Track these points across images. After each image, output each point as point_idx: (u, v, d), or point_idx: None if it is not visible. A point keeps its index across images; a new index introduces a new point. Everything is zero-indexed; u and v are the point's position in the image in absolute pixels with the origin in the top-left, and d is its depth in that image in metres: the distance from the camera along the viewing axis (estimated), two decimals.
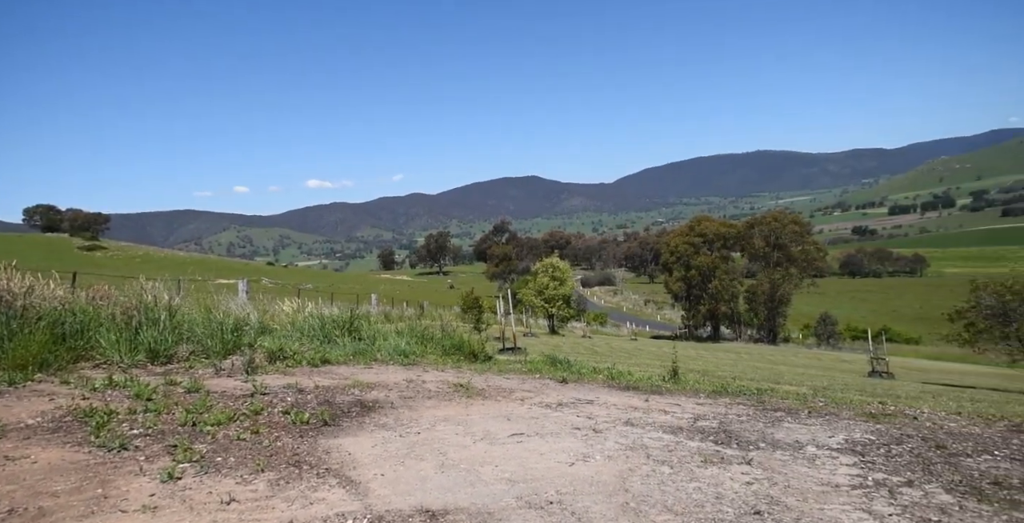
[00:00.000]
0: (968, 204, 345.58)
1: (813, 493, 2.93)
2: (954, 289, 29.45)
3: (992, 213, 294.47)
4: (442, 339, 8.88)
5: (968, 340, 18.12)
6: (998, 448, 3.87)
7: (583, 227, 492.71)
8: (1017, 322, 16.41)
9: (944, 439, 4.04)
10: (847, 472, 3.28)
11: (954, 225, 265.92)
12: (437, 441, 3.81)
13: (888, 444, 3.88)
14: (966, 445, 3.90)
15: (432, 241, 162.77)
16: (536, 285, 35.06)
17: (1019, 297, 16.89)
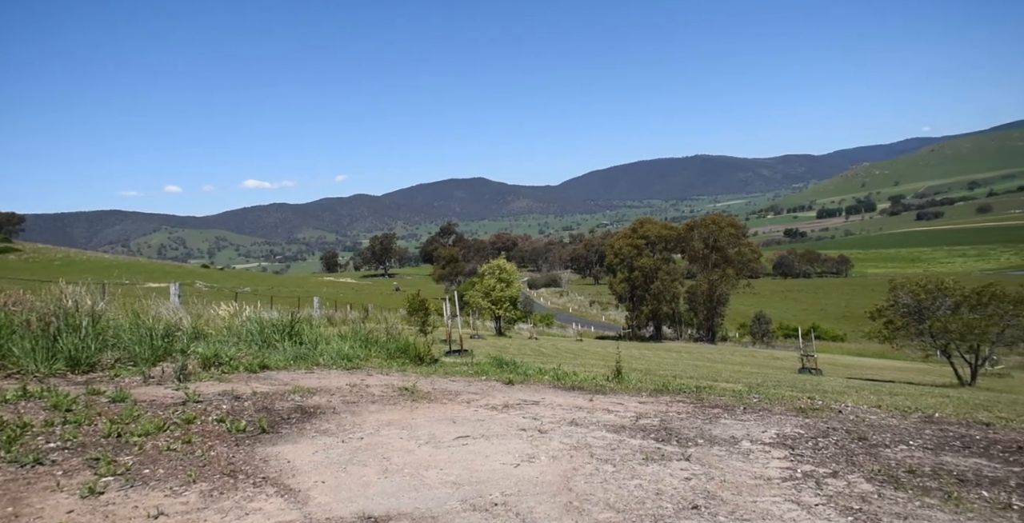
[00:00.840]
0: (887, 208, 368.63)
1: (747, 486, 3.05)
2: (875, 289, 31.55)
3: (908, 217, 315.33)
4: (387, 342, 8.74)
5: (887, 337, 19.24)
6: (913, 438, 4.13)
7: (530, 229, 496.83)
8: (929, 319, 17.59)
9: (865, 431, 4.29)
10: (778, 465, 3.43)
11: (875, 228, 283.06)
12: (381, 446, 3.75)
13: (815, 437, 4.09)
14: (885, 436, 4.15)
15: (377, 243, 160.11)
16: (483, 287, 35.06)
17: (932, 296, 18.12)
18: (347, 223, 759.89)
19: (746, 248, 48.94)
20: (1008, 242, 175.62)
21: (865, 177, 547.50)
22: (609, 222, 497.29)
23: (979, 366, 17.53)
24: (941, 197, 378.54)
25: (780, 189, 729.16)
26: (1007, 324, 16.67)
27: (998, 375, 22.36)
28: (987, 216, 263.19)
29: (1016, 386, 18.48)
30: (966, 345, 17.15)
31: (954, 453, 3.75)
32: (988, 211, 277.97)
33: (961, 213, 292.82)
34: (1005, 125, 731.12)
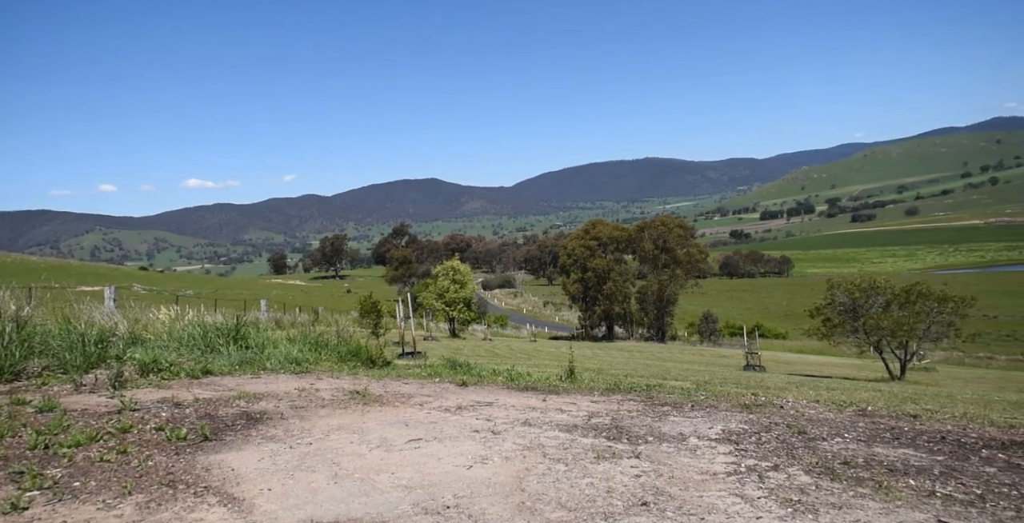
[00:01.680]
0: (825, 210, 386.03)
1: (694, 482, 3.13)
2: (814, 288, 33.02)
3: (844, 219, 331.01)
4: (338, 345, 8.56)
5: (825, 334, 20.14)
6: (848, 431, 4.34)
7: (483, 230, 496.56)
8: (863, 317, 18.52)
9: (805, 425, 4.47)
10: (724, 460, 3.53)
11: (814, 229, 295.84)
12: (331, 451, 3.67)
13: (759, 432, 4.23)
14: (822, 429, 4.34)
15: (328, 244, 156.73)
16: (437, 288, 34.82)
17: (865, 295, 19.07)
18: (296, 224, 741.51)
19: (694, 249, 50.29)
20: (933, 243, 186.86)
21: (804, 180, 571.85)
22: (562, 223, 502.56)
23: (908, 361, 18.56)
24: (873, 200, 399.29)
25: (726, 191, 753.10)
26: (932, 321, 17.71)
27: (924, 369, 23.71)
28: (914, 218, 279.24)
29: (941, 379, 19.66)
30: (896, 341, 18.12)
31: (885, 444, 3.95)
32: (915, 214, 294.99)
33: (891, 215, 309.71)
34: (929, 132, 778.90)
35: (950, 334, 18.44)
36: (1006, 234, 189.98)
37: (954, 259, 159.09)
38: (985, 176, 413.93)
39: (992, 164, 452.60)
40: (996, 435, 4.27)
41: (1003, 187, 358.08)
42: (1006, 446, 3.93)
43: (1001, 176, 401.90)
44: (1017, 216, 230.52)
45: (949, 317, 17.84)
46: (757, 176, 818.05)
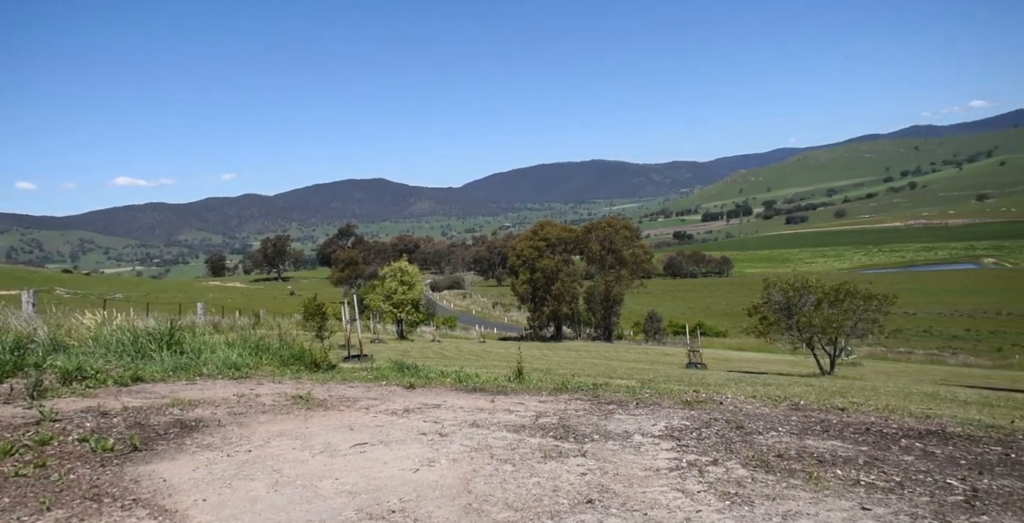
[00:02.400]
0: (761, 212, 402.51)
1: (638, 478, 3.20)
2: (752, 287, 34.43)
3: (779, 220, 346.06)
4: (280, 349, 8.31)
5: (762, 332, 20.98)
6: (782, 425, 4.54)
7: (432, 231, 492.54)
8: (797, 315, 19.41)
9: (743, 420, 4.65)
10: (666, 456, 3.63)
11: (751, 231, 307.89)
12: (271, 458, 3.55)
13: (699, 428, 4.37)
14: (759, 424, 4.52)
15: (270, 245, 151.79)
16: (384, 290, 34.27)
17: (798, 294, 19.99)
18: (236, 224, 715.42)
19: (639, 250, 51.43)
20: (859, 244, 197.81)
21: (743, 183, 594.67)
22: (511, 224, 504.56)
23: (836, 357, 19.57)
24: (806, 203, 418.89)
25: (670, 193, 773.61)
26: (859, 318, 18.74)
27: (852, 364, 25.07)
28: (842, 220, 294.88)
29: (866, 373, 20.83)
30: (826, 338, 19.07)
31: (815, 436, 4.15)
32: (843, 216, 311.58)
33: (822, 217, 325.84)
34: (855, 138, 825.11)
35: (874, 330, 19.57)
36: (924, 235, 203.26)
37: (878, 259, 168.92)
38: (905, 181, 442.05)
39: (911, 169, 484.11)
40: (914, 425, 4.56)
41: (921, 191, 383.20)
42: (922, 435, 4.20)
43: (919, 181, 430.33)
44: (933, 218, 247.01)
45: (874, 314, 18.92)
46: (699, 178, 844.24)
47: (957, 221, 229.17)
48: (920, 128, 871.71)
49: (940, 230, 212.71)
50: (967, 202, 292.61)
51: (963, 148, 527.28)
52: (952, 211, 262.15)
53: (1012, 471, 3.33)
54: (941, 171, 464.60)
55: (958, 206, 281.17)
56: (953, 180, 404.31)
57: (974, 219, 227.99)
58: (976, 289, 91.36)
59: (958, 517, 2.62)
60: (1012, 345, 48.18)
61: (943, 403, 6.88)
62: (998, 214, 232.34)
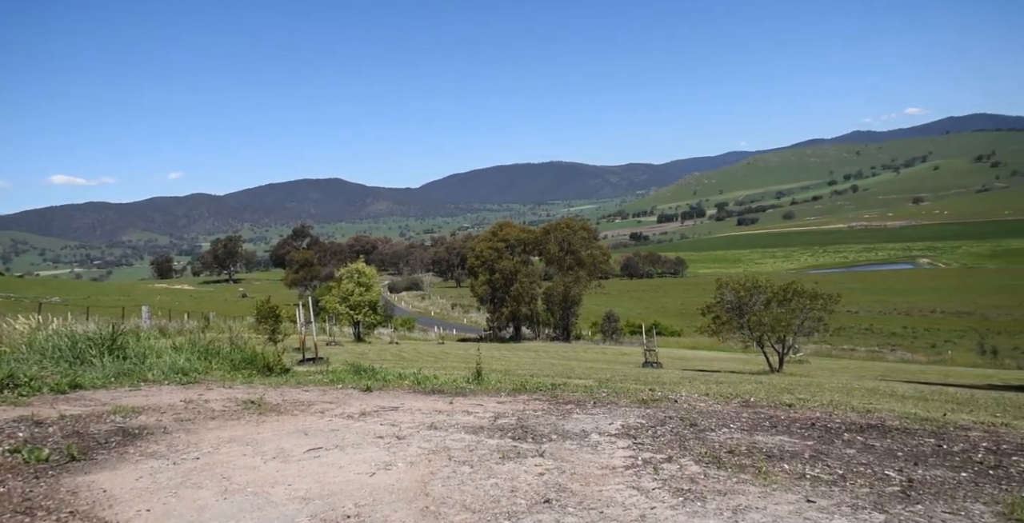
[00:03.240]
0: (714, 214, 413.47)
1: (595, 477, 3.24)
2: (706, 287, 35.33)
3: (731, 222, 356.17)
4: (231, 353, 8.07)
5: (715, 331, 21.51)
6: (733, 421, 4.67)
7: (390, 232, 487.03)
8: (748, 314, 20.00)
9: (696, 418, 4.76)
10: (623, 454, 3.68)
11: (705, 232, 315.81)
12: (220, 465, 3.44)
13: (655, 426, 4.46)
14: (711, 421, 4.64)
15: (220, 246, 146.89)
16: (340, 291, 33.64)
17: (749, 293, 20.60)
18: (184, 225, 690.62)
19: (597, 251, 52.03)
20: (806, 245, 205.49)
21: (696, 186, 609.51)
22: (470, 225, 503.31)
23: (785, 354, 20.25)
24: (756, 205, 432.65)
25: (626, 195, 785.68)
26: (805, 317, 19.44)
27: (799, 361, 25.99)
28: (790, 222, 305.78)
29: (812, 370, 21.63)
30: (775, 336, 19.71)
31: (764, 432, 4.29)
32: (791, 218, 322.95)
33: (771, 219, 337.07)
34: (802, 142, 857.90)
35: (820, 328, 20.35)
36: (865, 237, 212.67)
37: (823, 260, 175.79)
38: (848, 184, 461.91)
39: (853, 173, 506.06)
40: (856, 419, 4.77)
41: (862, 194, 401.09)
42: (864, 429, 4.39)
43: (860, 184, 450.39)
44: (873, 220, 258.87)
45: (819, 313, 19.66)
46: (655, 181, 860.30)
47: (895, 223, 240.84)
48: (861, 134, 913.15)
49: (880, 232, 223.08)
50: (904, 205, 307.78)
51: (900, 153, 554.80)
52: (891, 214, 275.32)
53: (944, 461, 3.52)
54: (880, 175, 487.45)
55: (896, 209, 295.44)
56: (891, 184, 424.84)
57: (911, 221, 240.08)
58: (912, 288, 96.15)
59: (895, 507, 2.75)
60: (944, 341, 50.96)
61: (883, 398, 7.21)
62: (932, 217, 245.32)
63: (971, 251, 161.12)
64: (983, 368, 29.54)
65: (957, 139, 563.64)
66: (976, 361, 34.99)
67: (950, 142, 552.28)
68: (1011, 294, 79.00)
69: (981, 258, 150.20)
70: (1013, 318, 64.19)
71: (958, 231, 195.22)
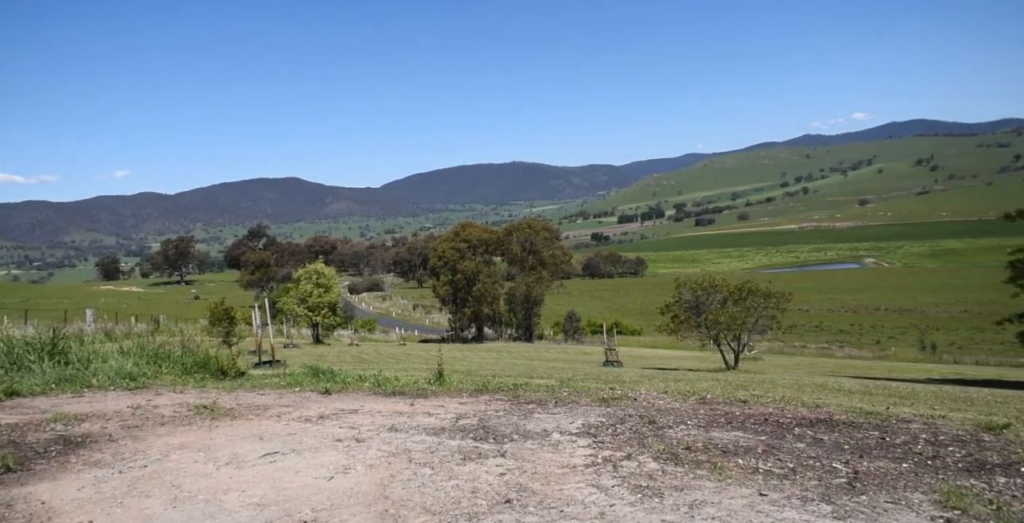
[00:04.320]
0: (673, 215, 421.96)
1: (555, 476, 3.26)
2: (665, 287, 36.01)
3: (689, 223, 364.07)
4: (182, 357, 7.80)
5: (673, 329, 21.93)
6: (690, 418, 4.77)
7: (350, 232, 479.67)
8: (705, 313, 20.49)
9: (655, 415, 4.84)
10: (583, 453, 3.72)
11: (664, 233, 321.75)
12: (170, 472, 3.32)
13: (615, 424, 4.51)
14: (669, 418, 4.73)
15: (171, 246, 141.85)
16: (299, 293, 32.95)
17: (707, 292, 21.10)
18: (132, 225, 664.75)
19: (559, 251, 52.41)
20: (760, 245, 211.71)
21: (655, 187, 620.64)
22: (432, 225, 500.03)
23: (740, 352, 20.81)
24: (712, 206, 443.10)
25: (587, 196, 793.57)
26: (759, 315, 20.03)
27: (753, 359, 26.76)
28: (745, 223, 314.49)
29: (766, 367, 22.29)
30: (731, 334, 20.24)
31: (720, 428, 4.40)
32: (746, 219, 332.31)
33: (727, 220, 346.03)
34: (757, 145, 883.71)
35: (773, 327, 21.00)
36: (815, 237, 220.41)
37: (776, 259, 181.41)
38: (799, 186, 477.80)
39: (804, 175, 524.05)
40: (806, 414, 4.94)
41: (812, 196, 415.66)
42: (813, 424, 4.55)
43: (811, 186, 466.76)
44: (823, 221, 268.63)
45: (772, 311, 20.28)
46: (615, 182, 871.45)
47: (843, 224, 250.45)
48: (811, 137, 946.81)
49: (829, 232, 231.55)
50: (851, 206, 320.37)
51: (847, 156, 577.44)
52: (839, 215, 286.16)
53: (887, 453, 3.68)
54: (829, 177, 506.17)
55: (843, 210, 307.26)
56: (839, 186, 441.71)
57: (857, 222, 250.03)
58: (858, 287, 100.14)
59: (841, 498, 2.86)
60: (888, 338, 53.25)
61: (831, 393, 7.48)
62: (877, 218, 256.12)
63: (912, 251, 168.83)
64: (923, 363, 31.00)
65: (899, 144, 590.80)
66: (917, 356, 36.71)
67: (893, 146, 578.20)
68: (948, 292, 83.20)
69: (921, 258, 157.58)
70: (950, 315, 67.57)
71: (900, 232, 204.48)
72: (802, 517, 2.60)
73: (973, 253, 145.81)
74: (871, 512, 2.67)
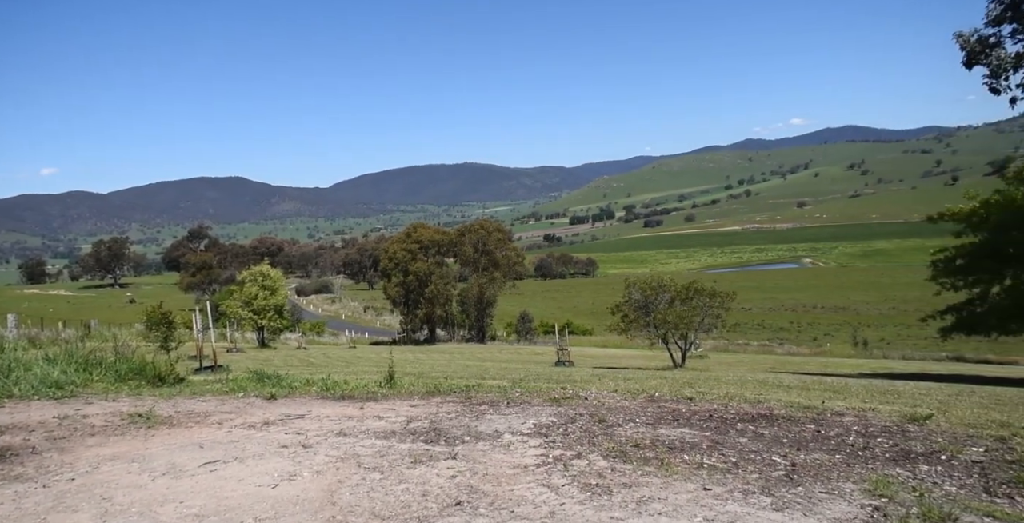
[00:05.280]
0: (623, 216, 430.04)
1: (507, 477, 3.26)
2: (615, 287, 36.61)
3: (638, 224, 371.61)
4: (116, 363, 7.42)
5: (623, 329, 22.35)
6: (639, 416, 4.87)
7: (297, 233, 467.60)
8: (653, 312, 20.96)
9: (605, 414, 4.92)
10: (534, 453, 3.74)
11: (614, 234, 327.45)
12: (100, 485, 3.15)
13: (566, 424, 4.56)
14: (619, 417, 4.82)
15: (104, 248, 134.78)
16: (243, 295, 31.88)
17: (655, 292, 21.59)
18: (59, 225, 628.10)
19: (511, 252, 52.62)
20: (706, 246, 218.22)
21: (606, 188, 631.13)
22: (383, 226, 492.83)
23: (687, 350, 21.39)
24: (661, 207, 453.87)
25: (539, 197, 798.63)
26: (705, 314, 20.65)
27: (700, 357, 27.52)
28: (691, 224, 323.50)
29: (711, 365, 22.98)
30: (679, 333, 20.77)
31: (667, 425, 4.51)
32: (692, 220, 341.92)
33: (674, 221, 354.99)
34: (702, 148, 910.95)
35: (718, 325, 21.70)
36: (757, 238, 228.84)
37: (721, 260, 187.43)
38: (742, 188, 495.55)
39: (746, 178, 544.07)
40: (748, 410, 5.12)
41: (755, 198, 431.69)
42: (755, 419, 4.72)
43: (753, 188, 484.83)
44: (764, 223, 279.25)
45: (718, 310, 20.94)
46: (567, 183, 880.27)
47: (783, 225, 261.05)
48: (752, 141, 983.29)
49: (770, 233, 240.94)
50: (790, 208, 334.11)
51: (786, 160, 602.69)
52: (779, 217, 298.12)
53: (822, 446, 3.86)
54: (769, 181, 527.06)
55: (783, 212, 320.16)
56: (779, 188, 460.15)
57: (795, 224, 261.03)
58: (797, 286, 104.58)
59: (780, 490, 2.98)
60: (824, 335, 55.81)
61: (772, 389, 7.78)
62: (814, 220, 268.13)
63: (845, 251, 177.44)
64: (856, 358, 32.66)
65: (833, 148, 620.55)
66: (850, 352, 38.62)
67: (827, 151, 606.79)
68: (878, 291, 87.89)
69: (854, 258, 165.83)
70: (880, 312, 71.37)
71: (834, 233, 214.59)
72: (743, 510, 2.69)
73: (900, 253, 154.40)
74: (807, 502, 2.79)
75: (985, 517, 2.57)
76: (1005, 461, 3.40)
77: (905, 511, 2.62)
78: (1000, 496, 2.86)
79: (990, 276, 16.31)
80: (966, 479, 3.11)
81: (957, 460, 3.45)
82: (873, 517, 2.58)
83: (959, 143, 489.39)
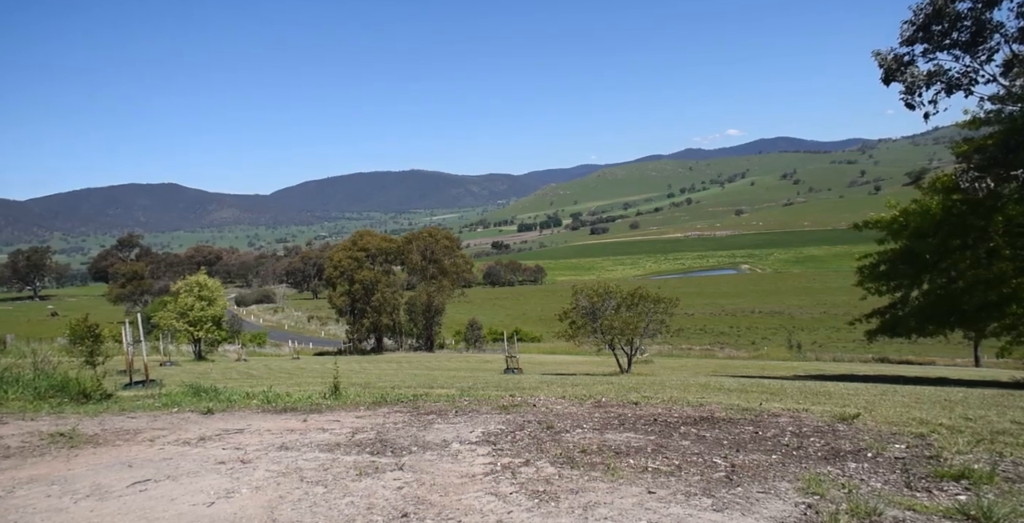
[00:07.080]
0: (570, 224, 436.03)
1: (454, 486, 3.24)
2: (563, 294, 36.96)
3: (585, 231, 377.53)
4: (35, 380, 6.96)
5: (571, 335, 22.62)
6: (586, 422, 4.93)
7: (237, 241, 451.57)
8: (600, 318, 21.32)
9: (553, 420, 4.96)
10: (483, 461, 3.73)
11: (561, 241, 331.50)
12: (15, 510, 2.94)
13: (514, 431, 4.57)
14: (567, 423, 4.86)
15: (22, 258, 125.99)
16: (178, 306, 30.49)
17: (602, 299, 21.98)
18: None
19: (460, 259, 52.38)
20: (651, 253, 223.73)
21: (553, 196, 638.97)
22: (328, 234, 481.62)
23: (633, 355, 21.82)
24: (606, 215, 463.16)
25: (487, 205, 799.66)
26: (650, 319, 21.15)
27: (645, 362, 28.12)
28: (636, 232, 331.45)
29: (656, 369, 23.52)
30: (625, 339, 21.18)
31: (614, 430, 4.58)
32: (637, 228, 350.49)
33: (620, 229, 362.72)
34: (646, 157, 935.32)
35: (663, 330, 22.26)
36: (698, 245, 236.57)
37: (664, 266, 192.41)
38: (683, 197, 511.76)
39: (687, 187, 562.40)
40: (691, 413, 5.26)
41: (696, 206, 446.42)
42: (697, 422, 4.86)
43: (693, 197, 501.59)
44: (704, 230, 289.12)
45: (662, 316, 21.50)
46: (514, 191, 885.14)
47: (722, 232, 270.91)
48: (692, 151, 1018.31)
49: (710, 240, 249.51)
50: (729, 216, 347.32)
51: (724, 170, 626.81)
52: (718, 224, 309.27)
53: (760, 446, 4.01)
54: (709, 189, 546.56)
55: (722, 220, 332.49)
56: (718, 197, 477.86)
57: (734, 231, 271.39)
58: (736, 292, 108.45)
59: (720, 490, 3.07)
60: (762, 339, 58.05)
61: (713, 392, 8.02)
62: (751, 227, 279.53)
63: (780, 258, 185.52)
64: (791, 361, 34.12)
65: (767, 159, 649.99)
66: (786, 355, 40.33)
67: (762, 161, 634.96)
68: (810, 295, 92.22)
69: (788, 264, 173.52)
70: (812, 316, 74.87)
71: (770, 240, 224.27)
72: (686, 512, 2.77)
73: (830, 259, 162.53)
74: (745, 502, 2.89)
75: (907, 511, 2.73)
76: (924, 457, 3.63)
77: (835, 508, 2.75)
78: (920, 490, 3.04)
79: (910, 281, 17.39)
80: (890, 475, 3.30)
81: (882, 457, 3.66)
82: (806, 515, 2.70)
83: (881, 155, 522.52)
